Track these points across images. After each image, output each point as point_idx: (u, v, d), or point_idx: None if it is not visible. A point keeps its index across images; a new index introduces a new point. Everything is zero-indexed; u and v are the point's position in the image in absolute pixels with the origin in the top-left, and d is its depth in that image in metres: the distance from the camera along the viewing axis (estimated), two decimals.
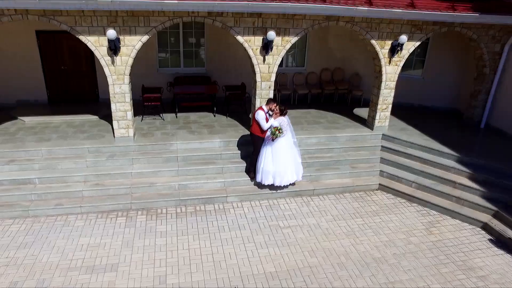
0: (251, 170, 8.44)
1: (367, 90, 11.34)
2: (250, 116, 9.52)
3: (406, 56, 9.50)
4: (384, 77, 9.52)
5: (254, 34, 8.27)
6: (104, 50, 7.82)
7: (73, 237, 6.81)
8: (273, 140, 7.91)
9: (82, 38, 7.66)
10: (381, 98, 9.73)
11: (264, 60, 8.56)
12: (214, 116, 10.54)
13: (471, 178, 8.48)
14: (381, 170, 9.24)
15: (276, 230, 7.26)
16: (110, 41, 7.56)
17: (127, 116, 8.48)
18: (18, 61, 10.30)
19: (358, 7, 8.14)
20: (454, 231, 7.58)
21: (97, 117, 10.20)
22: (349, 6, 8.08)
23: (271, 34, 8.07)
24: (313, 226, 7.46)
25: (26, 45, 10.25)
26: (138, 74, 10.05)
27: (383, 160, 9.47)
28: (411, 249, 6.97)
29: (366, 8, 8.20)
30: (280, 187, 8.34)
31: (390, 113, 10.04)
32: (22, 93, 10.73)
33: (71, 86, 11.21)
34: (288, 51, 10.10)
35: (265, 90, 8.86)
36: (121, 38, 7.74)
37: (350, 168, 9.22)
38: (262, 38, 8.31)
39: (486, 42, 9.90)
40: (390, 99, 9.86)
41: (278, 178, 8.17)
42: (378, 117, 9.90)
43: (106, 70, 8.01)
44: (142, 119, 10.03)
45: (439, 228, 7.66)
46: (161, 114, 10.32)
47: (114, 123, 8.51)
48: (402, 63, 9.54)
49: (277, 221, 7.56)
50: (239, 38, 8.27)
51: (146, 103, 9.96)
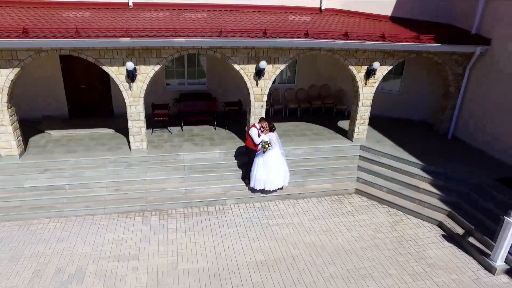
0: (246, 177, 9.99)
1: (351, 104, 12.90)
2: (246, 129, 11.04)
3: (380, 78, 11.05)
4: (361, 96, 11.07)
5: (249, 63, 9.83)
6: (123, 77, 9.37)
7: (100, 233, 8.36)
8: (264, 152, 9.46)
9: (105, 68, 9.20)
10: (359, 114, 11.29)
11: (257, 84, 10.12)
12: (215, 129, 12.10)
13: (432, 184, 10.04)
14: (357, 177, 10.79)
15: (266, 227, 8.81)
16: (128, 71, 9.11)
17: (141, 131, 10.03)
18: (44, 81, 11.82)
19: (336, 41, 9.71)
20: (414, 228, 9.13)
21: (113, 130, 11.75)
22: (328, 40, 9.65)
23: (263, 63, 9.64)
24: (297, 224, 9.01)
25: (51, 68, 11.77)
26: (148, 91, 11.57)
27: (360, 168, 11.02)
28: (377, 242, 8.52)
29: (343, 41, 9.76)
30: (270, 192, 9.90)
31: (367, 126, 11.58)
32: (46, 108, 12.25)
33: (89, 102, 12.74)
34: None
35: (258, 108, 10.42)
36: (137, 67, 9.29)
37: (331, 175, 10.77)
38: (255, 66, 9.87)
39: (450, 65, 11.45)
40: (367, 115, 11.41)
41: (268, 184, 9.73)
42: (357, 130, 11.46)
43: (124, 94, 9.56)
44: (152, 132, 11.58)
45: (402, 225, 9.21)
46: (168, 128, 11.88)
47: (131, 138, 10.06)
48: (377, 84, 11.09)
49: (267, 220, 9.12)
50: (236, 66, 9.83)
51: (156, 118, 11.52)
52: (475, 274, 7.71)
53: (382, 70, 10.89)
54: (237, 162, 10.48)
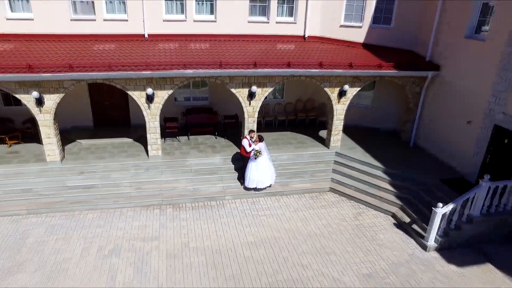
0: (241, 178, 12.50)
1: None
2: (241, 138, 13.51)
3: (351, 97, 13.55)
4: (335, 112, 13.58)
5: (243, 87, 12.35)
6: (143, 99, 11.88)
7: (128, 221, 10.87)
8: (255, 158, 11.98)
9: (129, 93, 11.72)
10: (334, 126, 13.79)
11: (249, 103, 12.64)
12: (216, 138, 14.61)
13: (390, 183, 12.54)
14: (332, 178, 13.29)
15: (256, 217, 11.32)
16: (148, 95, 11.62)
17: (157, 142, 12.55)
18: (74, 98, 14.25)
19: (312, 70, 12.23)
20: (372, 218, 11.65)
21: (131, 139, 14.25)
22: (306, 69, 12.16)
23: (254, 88, 12.16)
24: (280, 215, 11.53)
25: (80, 88, 14.25)
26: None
27: (334, 170, 13.52)
28: (341, 228, 11.03)
29: (318, 70, 12.27)
30: (260, 189, 12.41)
31: (341, 135, 14.08)
32: (75, 120, 14.72)
33: (110, 115, 15.24)
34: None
35: (250, 123, 12.94)
36: (154, 92, 11.80)
37: (310, 176, 13.28)
38: (248, 89, 12.38)
39: (409, 86, 13.93)
40: (341, 127, 13.90)
41: (259, 183, 12.26)
42: (332, 139, 13.96)
43: (144, 112, 12.08)
44: (164, 141, 14.08)
45: (363, 216, 11.72)
46: (177, 137, 14.39)
47: (149, 147, 12.58)
48: (348, 102, 13.59)
49: (257, 211, 11.63)
50: (233, 90, 12.35)
51: (167, 130, 14.02)
52: (412, 251, 10.22)
53: (352, 91, 13.39)
54: (234, 166, 12.99)
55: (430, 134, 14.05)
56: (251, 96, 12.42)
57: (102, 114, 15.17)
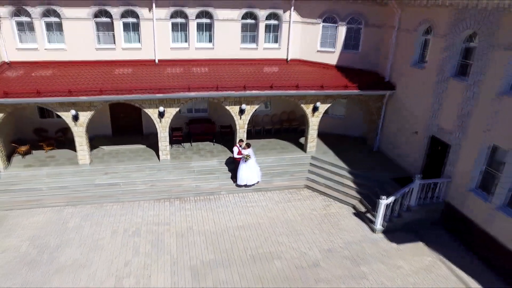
0: (234, 177, 15.63)
1: None
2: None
3: (323, 111, 16.67)
4: (310, 123, 16.70)
5: (235, 105, 15.47)
6: (156, 115, 14.99)
7: (145, 211, 13.97)
8: (245, 161, 15.09)
9: (145, 110, 14.82)
10: (309, 135, 16.92)
11: (240, 117, 15.76)
12: (214, 145, 17.73)
13: (353, 181, 15.66)
14: (307, 177, 16.40)
15: (245, 208, 14.43)
16: (159, 112, 14.74)
17: (167, 148, 15.67)
18: (97, 112, 17.34)
19: (290, 91, 15.36)
20: (337, 209, 14.76)
21: (144, 145, 17.35)
22: (284, 91, 15.29)
23: (244, 106, 15.29)
24: (264, 206, 14.65)
25: (103, 104, 17.32)
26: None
27: (310, 171, 16.64)
28: (311, 216, 14.14)
29: (294, 91, 15.40)
30: (249, 186, 15.53)
31: (316, 142, 17.20)
32: (97, 130, 17.77)
33: (126, 126, 18.33)
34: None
35: (241, 133, 16.06)
36: (165, 109, 14.90)
37: (290, 176, 16.40)
38: (239, 107, 15.50)
39: (372, 102, 17.04)
40: (315, 135, 17.02)
41: (248, 181, 15.38)
42: (308, 146, 17.09)
43: (157, 125, 15.19)
44: (171, 147, 17.18)
45: (330, 207, 14.84)
46: (182, 144, 17.51)
47: (160, 152, 15.69)
48: (321, 116, 16.71)
49: (246, 203, 14.75)
50: (227, 107, 15.47)
51: (174, 138, 17.12)
52: (364, 233, 13.34)
53: (323, 107, 16.51)
54: (227, 167, 16.11)
55: (389, 141, 17.19)
56: (242, 112, 15.54)
57: (119, 125, 18.26)
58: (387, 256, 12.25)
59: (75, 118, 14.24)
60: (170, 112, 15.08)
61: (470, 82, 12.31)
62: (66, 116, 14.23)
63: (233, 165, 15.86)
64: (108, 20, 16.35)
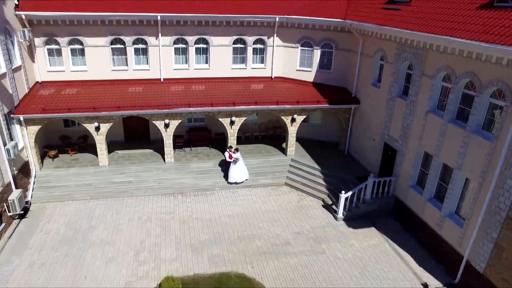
0: (225, 176, 19.10)
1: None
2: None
3: (300, 122, 20.12)
4: (289, 131, 20.16)
5: (226, 117, 18.95)
6: (162, 126, 18.45)
7: (153, 203, 17.43)
8: (235, 163, 18.56)
9: (153, 122, 18.28)
10: (289, 142, 20.38)
11: (231, 127, 19.24)
12: (210, 149, 21.20)
13: (323, 180, 19.13)
14: (287, 176, 19.85)
15: (234, 201, 17.90)
16: (165, 123, 18.21)
17: (171, 152, 19.14)
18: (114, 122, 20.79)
19: (271, 106, 18.84)
20: (309, 202, 18.24)
21: (151, 150, 20.80)
22: (267, 106, 18.77)
23: (234, 118, 18.77)
24: (250, 199, 18.12)
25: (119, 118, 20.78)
26: None
27: (289, 171, 20.09)
28: (287, 208, 17.60)
29: (275, 106, 18.89)
30: (238, 183, 19.00)
31: (295, 147, 20.66)
32: (112, 137, 21.18)
33: (136, 133, 21.78)
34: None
35: (232, 140, 19.53)
36: (170, 121, 18.37)
37: (272, 175, 19.87)
38: (230, 119, 18.97)
39: (341, 113, 20.50)
40: (294, 141, 20.47)
41: (237, 180, 18.85)
42: (288, 150, 20.56)
43: (163, 134, 18.65)
44: (174, 151, 20.63)
45: (303, 201, 18.31)
46: (184, 149, 20.99)
47: (165, 155, 19.15)
48: (298, 125, 20.15)
49: (235, 197, 18.22)
50: (220, 119, 18.94)
51: (176, 144, 20.58)
52: (328, 220, 16.81)
53: (300, 118, 19.98)
54: (221, 168, 19.59)
55: (355, 146, 20.67)
56: (232, 123, 19.02)
57: (130, 132, 21.69)
58: (344, 237, 15.72)
59: (97, 128, 17.69)
60: (174, 123, 18.54)
61: (408, 101, 15.79)
62: (90, 127, 17.68)
63: (225, 166, 19.32)
64: (122, 46, 19.79)
